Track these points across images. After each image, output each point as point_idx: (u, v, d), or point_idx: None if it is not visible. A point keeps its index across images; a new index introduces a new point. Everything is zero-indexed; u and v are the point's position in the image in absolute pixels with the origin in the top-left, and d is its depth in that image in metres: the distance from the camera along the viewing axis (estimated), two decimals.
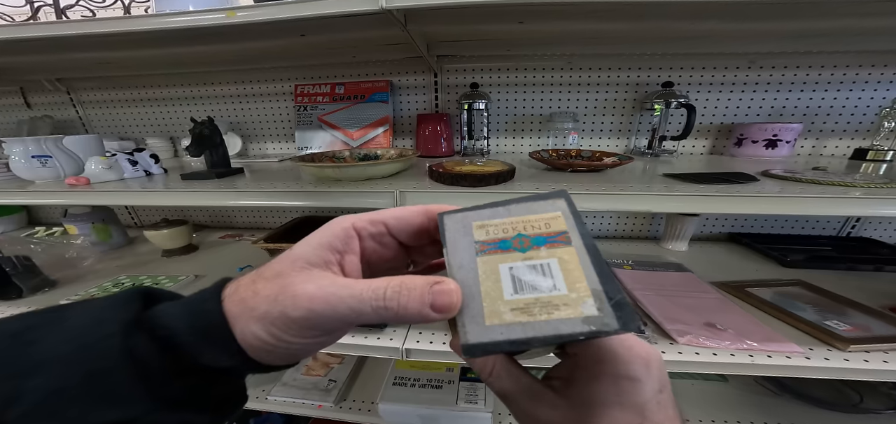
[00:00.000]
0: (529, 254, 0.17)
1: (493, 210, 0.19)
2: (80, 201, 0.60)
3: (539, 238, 0.17)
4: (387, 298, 0.16)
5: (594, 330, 0.14)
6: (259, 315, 0.16)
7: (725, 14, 0.56)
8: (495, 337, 0.15)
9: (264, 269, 0.17)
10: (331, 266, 0.18)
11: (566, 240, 0.17)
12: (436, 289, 0.16)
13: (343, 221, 0.19)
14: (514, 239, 0.18)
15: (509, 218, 0.18)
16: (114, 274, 0.83)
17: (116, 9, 0.81)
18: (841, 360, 0.48)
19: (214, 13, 0.49)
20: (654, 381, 0.17)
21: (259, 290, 0.17)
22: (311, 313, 0.16)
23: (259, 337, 0.16)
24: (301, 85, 0.94)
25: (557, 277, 0.16)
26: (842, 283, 0.67)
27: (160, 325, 0.17)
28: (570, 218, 0.18)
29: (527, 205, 0.19)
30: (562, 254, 0.17)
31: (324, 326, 0.16)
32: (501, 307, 0.16)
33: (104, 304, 0.17)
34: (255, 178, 0.66)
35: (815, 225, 0.92)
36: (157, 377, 0.16)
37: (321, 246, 0.18)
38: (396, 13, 0.49)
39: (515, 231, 0.18)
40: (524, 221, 0.18)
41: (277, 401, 0.76)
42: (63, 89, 1.03)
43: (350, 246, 0.19)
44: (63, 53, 0.74)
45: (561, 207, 0.18)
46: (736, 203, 0.46)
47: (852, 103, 0.79)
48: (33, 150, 0.65)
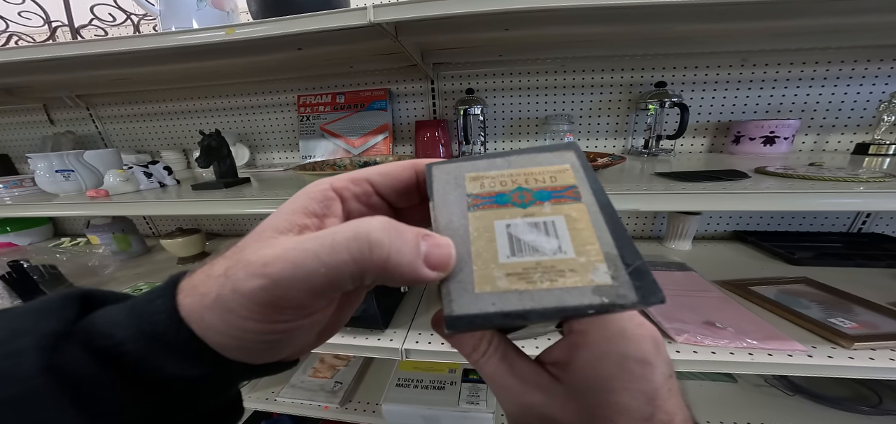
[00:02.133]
0: (531, 210, 0.14)
1: (491, 161, 0.16)
2: (100, 212, 0.64)
3: (542, 192, 0.15)
4: (373, 242, 0.12)
5: (607, 304, 0.12)
6: (210, 301, 0.13)
7: (710, 15, 0.56)
8: (486, 307, 0.12)
9: (225, 248, 0.14)
10: (307, 230, 0.14)
11: (575, 196, 0.14)
12: (430, 242, 0.13)
13: (320, 183, 0.16)
14: (513, 193, 0.15)
15: (509, 169, 0.16)
16: (132, 281, 0.87)
17: (127, 27, 0.87)
18: (845, 358, 0.47)
19: (215, 31, 0.52)
20: (664, 364, 0.15)
21: (212, 272, 0.13)
22: (269, 281, 0.12)
23: (217, 329, 0.13)
24: (303, 95, 0.97)
25: (564, 238, 0.13)
26: (851, 280, 0.65)
27: (99, 333, 0.13)
28: (579, 172, 0.15)
29: (530, 157, 0.16)
30: (570, 211, 0.14)
31: (290, 298, 0.12)
32: (495, 271, 0.13)
33: (24, 311, 0.13)
34: (261, 187, 0.69)
35: (823, 221, 0.89)
36: (99, 400, 0.12)
37: (294, 212, 0.14)
38: (386, 26, 0.51)
39: (515, 183, 0.15)
40: (526, 173, 0.15)
41: (286, 402, 0.79)
42: (83, 105, 1.09)
43: (330, 209, 0.15)
44: (80, 71, 0.79)
45: (570, 159, 0.16)
46: (725, 200, 0.46)
47: (851, 98, 0.77)
48: (57, 165, 0.69)
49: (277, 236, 0.13)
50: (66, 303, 0.14)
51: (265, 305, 0.12)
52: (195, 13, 0.59)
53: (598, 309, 0.12)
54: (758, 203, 0.45)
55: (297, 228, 0.14)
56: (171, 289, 0.14)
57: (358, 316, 0.60)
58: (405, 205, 0.18)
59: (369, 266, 0.12)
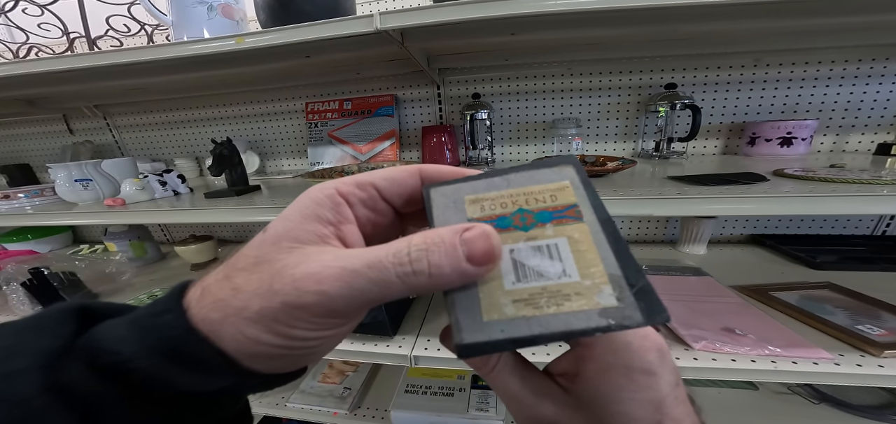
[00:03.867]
0: (533, 233, 0.14)
1: (489, 181, 0.16)
2: (116, 220, 0.65)
3: (544, 213, 0.15)
4: (413, 260, 0.13)
5: (613, 325, 0.12)
6: (253, 314, 0.13)
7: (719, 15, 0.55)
8: (495, 334, 0.13)
9: (236, 260, 0.14)
10: (328, 240, 0.14)
11: (576, 215, 0.14)
12: (468, 236, 0.13)
13: (324, 188, 0.15)
14: (514, 215, 0.15)
15: (508, 189, 0.16)
16: (148, 287, 0.89)
17: (141, 37, 0.89)
18: (875, 366, 0.45)
19: (226, 40, 0.53)
20: (670, 373, 0.15)
21: (240, 285, 0.13)
22: (324, 296, 0.12)
23: (261, 341, 0.13)
24: (311, 102, 0.99)
25: (567, 261, 0.13)
26: (877, 285, 0.62)
27: (104, 349, 0.12)
28: (579, 189, 0.15)
29: (529, 174, 0.16)
30: (572, 232, 0.14)
31: (342, 310, 0.13)
32: (502, 298, 0.13)
33: (18, 328, 0.13)
34: (270, 195, 0.70)
35: (846, 224, 0.86)
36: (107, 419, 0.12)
37: (307, 219, 0.14)
38: (392, 33, 0.51)
39: (516, 205, 0.15)
40: (526, 193, 0.15)
41: (296, 408, 0.79)
42: (100, 115, 1.12)
43: (343, 215, 0.15)
44: (97, 81, 0.82)
45: (569, 175, 0.16)
46: (744, 204, 0.44)
47: (871, 97, 0.75)
48: (76, 175, 0.72)
49: (301, 247, 0.14)
50: (64, 318, 0.13)
51: (318, 314, 0.13)
52: (206, 23, 0.61)
53: (605, 330, 0.12)
54: (779, 207, 0.43)
55: (317, 238, 0.14)
56: (177, 303, 0.14)
57: (367, 322, 0.60)
58: (411, 211, 0.18)
59: (414, 283, 0.13)
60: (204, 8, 0.60)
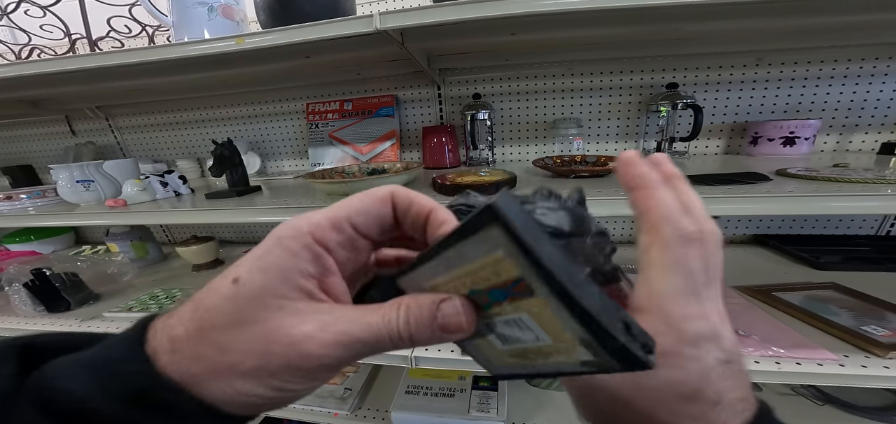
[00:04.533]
0: (495, 310, 0.14)
1: (432, 265, 0.15)
2: (118, 221, 0.65)
3: (495, 292, 0.13)
4: (400, 326, 0.14)
5: (595, 371, 0.13)
6: (247, 370, 0.13)
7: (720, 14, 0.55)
8: (510, 370, 0.16)
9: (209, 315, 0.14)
10: (314, 295, 0.15)
11: (526, 290, 0.12)
12: (443, 309, 0.14)
13: (298, 234, 0.15)
14: (474, 296, 0.14)
15: (452, 272, 0.14)
16: (149, 287, 0.89)
17: (142, 39, 0.89)
18: (880, 367, 0.45)
19: (226, 40, 0.53)
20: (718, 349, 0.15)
21: (227, 344, 0.13)
22: (326, 358, 0.14)
23: (254, 394, 0.14)
24: (312, 103, 0.99)
25: (537, 329, 0.13)
26: (882, 285, 0.62)
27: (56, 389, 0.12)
28: (518, 257, 0.11)
29: (457, 252, 0.13)
30: (530, 307, 0.12)
31: (338, 367, 0.14)
32: (500, 354, 0.16)
33: None
34: (271, 196, 0.70)
35: (850, 224, 0.85)
36: None
37: (288, 273, 0.14)
38: (392, 33, 0.51)
39: (466, 287, 0.14)
40: (468, 273, 0.13)
41: (296, 408, 0.79)
42: (102, 116, 1.13)
43: (325, 266, 0.15)
44: (99, 82, 0.82)
45: (498, 240, 0.12)
46: (747, 203, 0.44)
47: (874, 96, 0.74)
48: (78, 176, 0.72)
49: (290, 303, 0.14)
50: (3, 358, 0.13)
51: (318, 370, 0.14)
52: (207, 24, 0.61)
53: (591, 373, 0.13)
54: (782, 206, 0.43)
55: (302, 294, 0.14)
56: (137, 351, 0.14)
57: None
58: (386, 239, 0.18)
59: (401, 345, 0.15)
60: (204, 9, 0.60)
